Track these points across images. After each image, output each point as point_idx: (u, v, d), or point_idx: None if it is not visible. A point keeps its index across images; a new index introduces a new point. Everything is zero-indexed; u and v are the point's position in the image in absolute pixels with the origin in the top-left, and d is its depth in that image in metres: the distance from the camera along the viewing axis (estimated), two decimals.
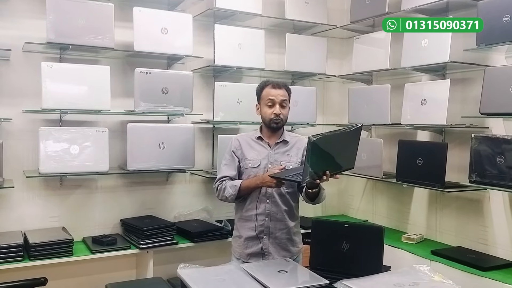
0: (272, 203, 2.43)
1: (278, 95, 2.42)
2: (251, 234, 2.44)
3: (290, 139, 2.51)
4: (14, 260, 2.54)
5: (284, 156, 2.46)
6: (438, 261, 2.70)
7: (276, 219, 2.43)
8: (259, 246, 2.43)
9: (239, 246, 2.50)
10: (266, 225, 2.43)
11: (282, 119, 2.43)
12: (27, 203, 2.89)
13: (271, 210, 2.42)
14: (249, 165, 2.47)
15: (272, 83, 2.47)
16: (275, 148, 2.47)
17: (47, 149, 2.67)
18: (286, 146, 2.48)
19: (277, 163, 2.42)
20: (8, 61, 2.81)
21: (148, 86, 2.92)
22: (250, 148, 2.50)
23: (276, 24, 3.62)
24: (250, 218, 2.45)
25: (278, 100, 2.41)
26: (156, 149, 2.95)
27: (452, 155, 2.85)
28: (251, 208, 2.45)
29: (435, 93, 2.89)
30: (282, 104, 2.42)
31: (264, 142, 2.49)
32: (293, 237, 2.47)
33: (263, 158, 2.46)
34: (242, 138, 2.56)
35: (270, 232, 2.43)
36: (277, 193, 2.43)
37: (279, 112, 2.41)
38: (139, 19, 2.92)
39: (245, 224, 2.47)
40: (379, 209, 3.66)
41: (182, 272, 2.02)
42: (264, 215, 2.43)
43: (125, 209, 3.16)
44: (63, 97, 2.71)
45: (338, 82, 3.96)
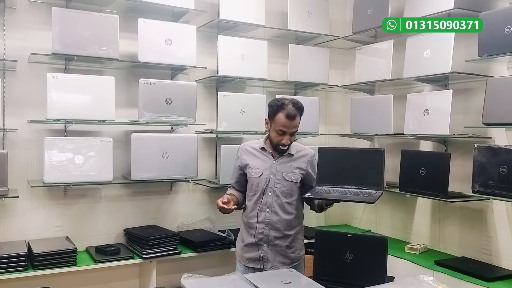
0: (272, 213, 2.47)
1: (291, 127, 2.40)
2: (251, 241, 2.50)
3: (296, 152, 2.53)
4: (18, 269, 2.54)
5: (287, 167, 2.49)
6: (441, 271, 2.69)
7: (275, 228, 2.47)
8: (258, 252, 2.48)
9: (240, 249, 2.58)
10: (266, 233, 2.47)
11: (289, 145, 2.47)
12: (31, 213, 2.90)
13: (271, 219, 2.47)
14: (252, 174, 2.52)
15: (288, 112, 2.38)
16: (278, 160, 2.50)
17: (52, 159, 2.69)
18: (290, 157, 2.51)
19: (279, 174, 2.47)
20: (14, 71, 2.83)
21: (152, 96, 2.94)
22: (254, 157, 2.55)
23: (279, 35, 3.65)
24: (251, 225, 2.51)
25: (290, 132, 2.42)
26: (159, 159, 2.96)
27: (455, 165, 2.85)
28: (252, 216, 2.51)
29: (437, 103, 2.90)
30: (293, 134, 2.45)
31: (268, 153, 2.53)
32: (292, 244, 2.50)
33: (265, 168, 2.50)
34: (247, 147, 2.61)
35: (269, 240, 2.47)
36: (277, 203, 2.47)
37: (288, 142, 2.44)
38: (143, 30, 2.95)
39: (247, 230, 2.54)
40: (382, 219, 3.65)
41: (186, 282, 2.01)
42: (264, 223, 2.48)
43: (128, 218, 3.17)
44: (68, 108, 2.74)
45: (341, 92, 3.98)
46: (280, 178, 2.48)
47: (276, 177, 2.48)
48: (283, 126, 2.40)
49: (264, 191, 2.48)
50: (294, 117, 2.39)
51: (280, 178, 2.48)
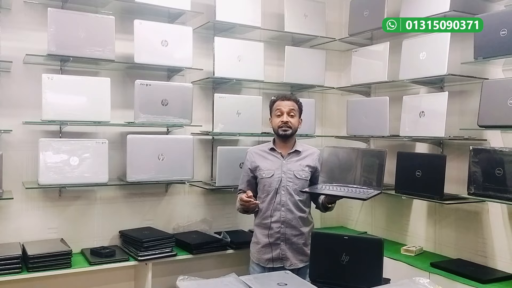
0: (287, 211, 2.57)
1: (286, 105, 2.62)
2: (267, 241, 2.59)
3: (303, 149, 2.68)
4: (12, 272, 2.52)
5: (297, 166, 2.62)
6: (437, 273, 2.69)
7: (291, 225, 2.57)
8: (277, 251, 2.57)
9: (257, 251, 2.64)
10: (282, 231, 2.57)
11: (290, 127, 2.61)
12: (25, 215, 2.88)
13: (286, 217, 2.57)
14: (263, 175, 2.61)
15: (281, 96, 2.69)
16: (287, 158, 2.62)
17: (47, 160, 2.67)
18: (299, 155, 2.65)
19: (290, 172, 2.59)
20: (9, 72, 2.82)
21: (148, 97, 2.93)
22: (263, 159, 2.65)
23: (275, 37, 3.65)
24: (267, 226, 2.60)
25: (286, 110, 2.61)
26: (155, 161, 2.95)
27: (450, 167, 2.86)
28: (267, 216, 2.60)
29: (433, 106, 2.91)
30: (290, 114, 2.62)
31: (277, 153, 2.64)
32: (308, 241, 2.56)
33: (276, 168, 2.60)
34: (255, 150, 2.73)
35: (286, 238, 2.57)
36: (291, 201, 2.58)
37: (287, 119, 2.60)
38: (139, 32, 2.94)
39: (262, 231, 2.62)
40: (378, 221, 3.66)
41: (181, 284, 2.01)
42: (280, 222, 2.57)
43: (124, 220, 3.15)
44: (63, 109, 2.72)
45: (337, 94, 3.99)
46: (292, 176, 2.59)
47: (288, 176, 2.58)
48: (279, 106, 2.64)
49: (277, 190, 2.57)
50: (287, 97, 2.67)
51: (292, 176, 2.59)
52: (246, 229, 3.50)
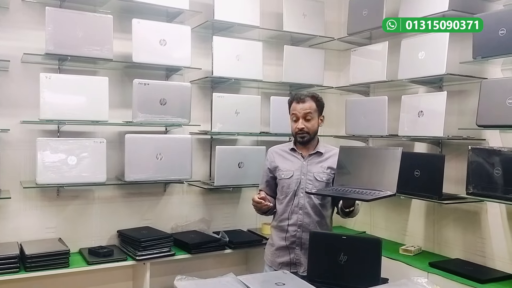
0: (305, 214, 2.45)
1: (301, 109, 2.45)
2: (282, 244, 2.48)
3: (325, 150, 2.53)
4: (10, 271, 2.51)
5: (317, 167, 2.49)
6: (436, 273, 2.69)
7: (308, 230, 2.42)
8: (291, 256, 2.46)
9: (271, 254, 2.55)
10: (299, 235, 2.45)
11: (307, 132, 2.46)
12: (23, 214, 2.87)
13: (304, 221, 2.45)
14: (282, 176, 2.52)
15: (296, 97, 2.49)
16: (308, 159, 2.51)
17: (45, 159, 2.67)
18: (320, 157, 2.51)
19: (310, 174, 2.47)
20: (6, 71, 2.81)
21: (146, 97, 2.92)
22: (283, 159, 2.55)
23: (274, 36, 3.64)
24: (283, 228, 2.49)
25: (301, 114, 2.45)
26: (153, 160, 2.95)
27: (449, 167, 2.86)
28: (284, 218, 2.49)
29: (432, 105, 2.91)
30: (306, 117, 2.45)
31: (297, 154, 2.53)
32: None
33: (296, 169, 2.50)
34: (276, 149, 2.63)
35: (302, 243, 2.44)
36: (309, 205, 2.46)
37: (302, 126, 2.45)
38: (137, 31, 2.94)
39: (278, 233, 2.52)
40: (377, 221, 3.65)
41: (179, 284, 2.00)
42: (297, 225, 2.46)
43: (122, 220, 3.15)
44: (61, 108, 2.72)
45: (336, 94, 3.98)
46: (312, 178, 2.47)
47: (308, 178, 2.47)
48: (294, 110, 2.48)
49: (296, 192, 2.46)
50: (302, 100, 2.46)
51: (312, 178, 2.47)
52: (245, 228, 3.49)
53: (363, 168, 2.35)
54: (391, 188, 2.20)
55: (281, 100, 3.48)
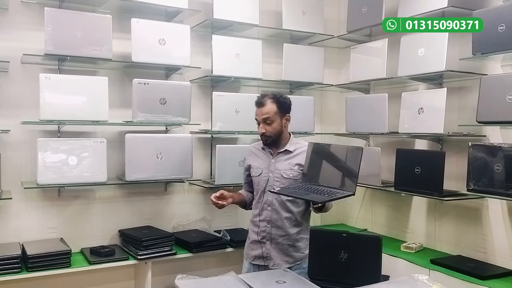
0: (273, 211, 2.51)
1: (260, 114, 2.49)
2: (255, 238, 2.57)
3: (295, 148, 2.55)
4: (11, 272, 2.52)
5: (285, 165, 2.53)
6: (437, 270, 2.69)
7: (277, 226, 2.51)
8: (262, 250, 2.53)
9: (247, 247, 2.65)
10: (268, 231, 2.52)
11: (269, 136, 2.49)
12: (25, 214, 2.88)
13: (272, 217, 2.52)
14: (253, 174, 2.60)
15: (257, 101, 2.53)
16: (276, 157, 2.55)
17: (45, 160, 2.67)
18: (289, 154, 2.54)
19: (277, 171, 2.51)
20: (6, 72, 2.82)
21: (146, 96, 2.92)
22: (255, 158, 2.64)
23: (273, 34, 3.64)
24: (255, 223, 2.58)
25: (260, 119, 2.50)
26: (154, 160, 2.95)
27: (449, 164, 2.85)
28: (256, 214, 2.59)
29: (432, 102, 2.90)
30: (266, 122, 2.48)
31: (267, 151, 2.59)
32: (296, 243, 2.51)
33: (264, 167, 2.57)
34: (251, 148, 2.71)
35: (272, 238, 2.52)
36: (277, 201, 2.50)
37: (262, 130, 2.49)
38: (137, 30, 2.94)
39: (252, 228, 2.61)
40: (378, 218, 3.65)
41: (180, 283, 2.01)
42: (266, 221, 2.53)
43: (123, 219, 3.15)
44: (61, 108, 2.72)
45: (336, 91, 3.98)
46: (279, 176, 2.51)
47: (275, 175, 2.52)
48: (255, 115, 2.52)
49: (264, 189, 2.53)
50: (261, 103, 2.49)
51: (279, 176, 2.51)
52: (246, 227, 3.48)
53: (327, 166, 2.36)
54: (351, 188, 2.16)
55: None
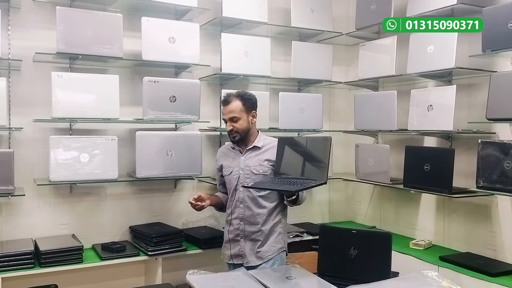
0: (245, 208, 2.54)
1: (226, 113, 2.54)
2: (228, 237, 2.60)
3: (264, 143, 2.59)
4: (25, 267, 2.56)
5: (255, 161, 2.55)
6: (446, 267, 2.69)
7: (250, 222, 2.53)
8: (237, 248, 2.56)
9: (223, 247, 2.68)
10: (242, 228, 2.55)
11: (236, 132, 2.52)
12: (37, 211, 2.92)
13: (245, 214, 2.54)
14: (225, 173, 2.64)
15: (223, 100, 2.57)
16: (246, 154, 2.58)
17: (57, 157, 2.71)
18: (258, 151, 2.57)
19: (248, 168, 2.54)
20: (19, 71, 2.85)
21: (156, 94, 2.95)
22: (226, 157, 2.66)
23: (282, 32, 3.65)
24: (229, 222, 2.61)
25: (227, 117, 2.53)
26: (164, 157, 2.98)
27: (459, 161, 2.85)
28: (229, 213, 2.62)
29: (441, 99, 2.90)
30: (232, 119, 2.52)
31: (237, 150, 2.62)
32: (269, 238, 2.52)
33: (235, 165, 2.59)
34: (222, 149, 2.76)
35: (246, 235, 2.54)
36: (249, 198, 2.53)
37: (230, 127, 2.53)
38: (147, 29, 2.96)
39: (226, 227, 2.64)
40: (387, 215, 3.65)
41: (191, 278, 2.03)
42: (239, 219, 2.56)
43: (133, 216, 3.19)
44: (73, 106, 2.75)
45: (344, 89, 3.98)
46: (249, 172, 2.53)
47: (245, 172, 2.54)
48: (222, 114, 2.58)
49: (236, 187, 2.56)
50: (227, 102, 2.54)
51: (249, 172, 2.53)
52: None
53: (298, 158, 2.39)
54: (322, 177, 2.16)
55: (290, 96, 3.51)
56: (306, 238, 3.36)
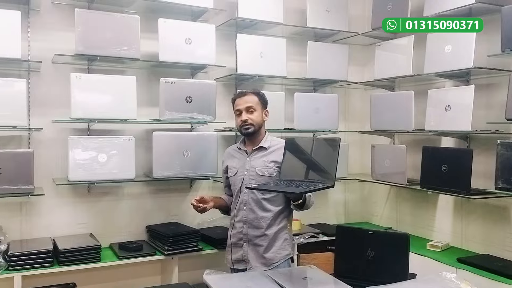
0: (249, 210, 2.46)
1: (242, 103, 2.49)
2: (232, 241, 2.54)
3: (271, 144, 2.52)
4: (44, 266, 2.60)
5: (260, 162, 2.48)
6: (464, 269, 2.66)
7: (253, 226, 2.45)
8: (240, 253, 2.49)
9: (226, 252, 2.60)
10: (245, 232, 2.47)
11: (251, 124, 2.46)
12: (56, 210, 2.96)
13: (248, 217, 2.46)
14: (230, 174, 2.58)
15: (238, 93, 2.56)
16: (252, 155, 2.52)
17: (76, 157, 2.74)
18: (264, 151, 2.50)
19: (253, 169, 2.47)
20: (38, 72, 2.90)
21: (173, 95, 2.97)
22: (232, 158, 2.61)
23: (297, 32, 3.65)
24: (232, 225, 2.55)
25: (243, 107, 2.48)
26: (180, 157, 2.99)
27: (477, 162, 2.81)
28: (233, 215, 2.55)
29: (459, 99, 2.87)
30: (249, 110, 2.48)
31: (243, 151, 2.56)
32: (273, 243, 2.44)
33: (240, 166, 2.53)
34: (228, 149, 2.70)
35: (249, 239, 2.46)
36: (253, 200, 2.46)
37: (245, 118, 2.46)
38: (163, 30, 2.98)
39: (229, 231, 2.58)
40: (403, 216, 3.63)
41: (208, 278, 2.04)
42: (242, 222, 2.48)
43: (150, 215, 3.22)
44: (91, 107, 2.78)
45: (360, 89, 3.96)
46: (254, 174, 2.46)
47: (250, 173, 2.47)
48: (237, 105, 2.51)
49: (240, 188, 2.49)
50: (243, 93, 2.52)
51: (254, 174, 2.46)
52: None
53: (305, 160, 2.28)
54: (330, 179, 2.06)
55: (306, 96, 3.50)
56: (321, 238, 3.35)
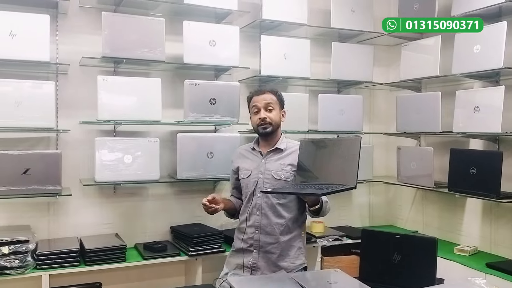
0: (262, 215, 2.34)
1: (260, 100, 2.40)
2: (240, 246, 2.40)
3: (287, 146, 2.41)
4: (71, 265, 2.64)
5: (276, 165, 2.37)
6: (494, 274, 2.59)
7: (266, 232, 2.33)
8: (248, 259, 2.35)
9: (230, 255, 2.50)
10: (256, 238, 2.34)
11: (269, 122, 2.36)
12: (83, 210, 3.01)
13: (261, 222, 2.33)
14: (242, 176, 2.46)
15: (256, 91, 2.48)
16: (267, 157, 2.40)
17: (102, 158, 2.78)
18: (280, 154, 2.39)
19: (268, 172, 2.36)
20: (66, 75, 2.95)
21: (197, 97, 2.98)
22: (244, 159, 2.49)
23: (321, 33, 3.62)
24: (241, 230, 2.42)
25: (262, 105, 2.39)
26: (204, 158, 3.01)
27: (507, 164, 2.74)
28: (243, 220, 2.42)
29: (488, 100, 2.80)
30: (267, 108, 2.39)
31: (257, 152, 2.45)
32: (287, 252, 2.33)
33: (254, 168, 2.41)
34: (240, 149, 2.60)
35: (260, 245, 2.34)
36: (267, 205, 2.34)
37: (264, 116, 2.37)
38: (188, 33, 3.00)
39: (238, 235, 2.45)
40: (430, 220, 3.56)
41: (232, 280, 2.05)
42: (254, 227, 2.35)
43: (174, 216, 3.24)
44: (117, 109, 2.82)
45: (385, 90, 3.91)
46: (269, 177, 2.35)
47: (265, 176, 2.35)
48: (254, 103, 2.42)
49: (254, 192, 2.36)
50: (261, 91, 2.44)
51: (269, 177, 2.35)
52: None
53: (323, 161, 2.17)
54: (351, 181, 1.95)
55: (329, 98, 3.48)
56: (345, 241, 3.31)
